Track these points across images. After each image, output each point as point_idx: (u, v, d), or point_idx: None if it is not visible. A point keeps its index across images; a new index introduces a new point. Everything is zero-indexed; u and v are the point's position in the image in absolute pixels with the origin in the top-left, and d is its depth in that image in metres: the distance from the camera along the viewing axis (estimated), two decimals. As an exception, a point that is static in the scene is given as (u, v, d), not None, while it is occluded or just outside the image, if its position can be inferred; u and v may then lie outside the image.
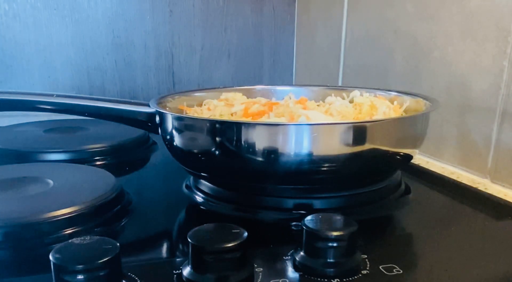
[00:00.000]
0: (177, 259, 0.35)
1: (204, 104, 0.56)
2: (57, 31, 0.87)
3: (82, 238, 0.31)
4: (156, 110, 0.49)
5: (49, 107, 0.52)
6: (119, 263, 0.30)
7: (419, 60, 0.66)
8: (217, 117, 0.51)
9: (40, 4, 0.85)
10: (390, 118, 0.48)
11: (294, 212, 0.44)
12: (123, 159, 0.64)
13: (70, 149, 0.62)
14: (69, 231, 0.39)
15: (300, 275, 0.33)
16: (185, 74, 0.96)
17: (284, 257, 0.35)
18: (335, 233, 0.32)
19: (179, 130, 0.46)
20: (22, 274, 0.36)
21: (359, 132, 0.41)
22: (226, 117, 0.51)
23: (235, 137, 0.41)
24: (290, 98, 0.57)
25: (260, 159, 0.41)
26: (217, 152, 0.42)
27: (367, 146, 0.41)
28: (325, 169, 0.41)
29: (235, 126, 0.41)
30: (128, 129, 0.57)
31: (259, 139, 0.40)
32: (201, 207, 0.48)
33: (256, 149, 0.40)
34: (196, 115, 0.53)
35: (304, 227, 0.33)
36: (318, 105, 0.55)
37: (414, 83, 0.67)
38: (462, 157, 0.60)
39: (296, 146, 0.40)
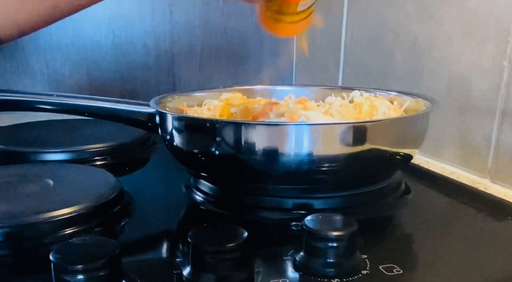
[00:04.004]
0: (177, 259, 0.35)
1: (204, 104, 0.56)
2: (57, 31, 0.87)
3: (82, 238, 0.31)
4: (156, 110, 0.49)
5: (49, 107, 0.52)
6: (119, 263, 0.30)
7: (419, 60, 0.66)
8: (217, 117, 0.51)
9: (40, 4, 0.85)
10: (390, 118, 0.48)
11: (294, 212, 0.44)
12: (123, 159, 0.64)
13: (70, 149, 0.62)
14: (69, 231, 0.39)
15: (300, 275, 0.33)
16: (185, 74, 0.96)
17: (284, 257, 0.35)
18: (335, 233, 0.32)
19: (179, 130, 0.46)
20: (22, 274, 0.36)
21: (359, 132, 0.41)
22: (226, 117, 0.51)
23: (235, 138, 0.41)
24: (290, 98, 0.57)
25: (260, 159, 0.41)
26: (217, 152, 0.42)
27: (367, 146, 0.41)
28: (325, 169, 0.41)
29: (235, 126, 0.41)
30: (128, 129, 0.57)
31: (259, 139, 0.40)
32: (201, 207, 0.48)
33: (256, 149, 0.40)
34: (196, 115, 0.53)
35: (304, 227, 0.33)
36: (318, 105, 0.55)
37: (414, 83, 0.67)
38: (462, 157, 0.60)
39: (296, 146, 0.40)
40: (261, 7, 0.44)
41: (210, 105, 0.55)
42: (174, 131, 0.46)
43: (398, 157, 0.45)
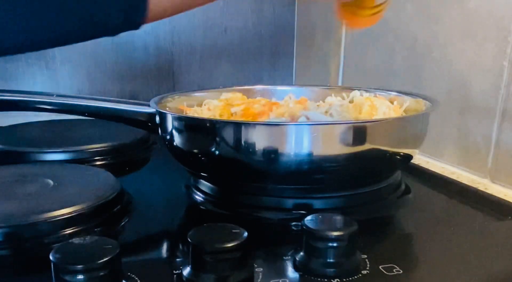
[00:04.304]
0: (177, 259, 0.35)
1: (204, 104, 0.56)
2: (57, 31, 0.87)
3: (82, 238, 0.31)
4: (156, 110, 0.49)
5: (49, 107, 0.52)
6: (119, 263, 0.30)
7: (419, 60, 0.66)
8: (217, 117, 0.51)
9: (40, 4, 0.85)
10: (390, 118, 0.48)
11: (294, 212, 0.44)
12: (123, 159, 0.64)
13: (70, 149, 0.62)
14: (69, 231, 0.39)
15: (300, 275, 0.33)
16: (185, 74, 0.96)
17: (284, 257, 0.35)
18: (335, 233, 0.32)
19: (179, 130, 0.46)
20: (22, 274, 0.36)
21: (359, 132, 0.41)
22: (226, 117, 0.51)
23: (235, 138, 0.41)
24: (290, 98, 0.57)
25: (260, 159, 0.41)
26: (217, 152, 0.42)
27: (367, 146, 0.41)
28: (325, 169, 0.41)
29: (235, 126, 0.41)
30: (128, 129, 0.57)
31: (259, 140, 0.40)
32: (201, 207, 0.48)
33: (256, 149, 0.40)
34: (196, 115, 0.53)
35: (304, 227, 0.33)
36: (318, 105, 0.55)
37: (414, 83, 0.67)
38: (462, 157, 0.60)
39: (296, 146, 0.40)
40: (338, 1, 0.48)
41: (210, 105, 0.55)
42: (174, 131, 0.46)
43: (398, 157, 0.45)
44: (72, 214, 0.40)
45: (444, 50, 0.61)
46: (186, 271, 0.31)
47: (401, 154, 0.45)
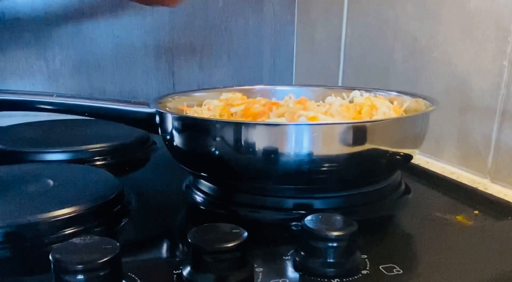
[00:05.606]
0: (177, 259, 0.35)
1: (204, 104, 0.56)
2: (57, 31, 0.87)
3: (82, 238, 0.31)
4: (156, 110, 0.49)
5: (49, 107, 0.52)
6: (119, 263, 0.30)
7: (419, 60, 0.66)
8: (217, 117, 0.51)
9: (40, 4, 0.85)
10: (390, 118, 0.48)
11: (294, 212, 0.44)
12: (123, 159, 0.64)
13: (70, 149, 0.62)
14: (69, 231, 0.39)
15: (300, 275, 0.33)
16: (185, 74, 0.96)
17: (284, 257, 0.35)
18: (335, 233, 0.32)
19: (179, 130, 0.46)
20: (22, 274, 0.36)
21: (359, 132, 0.41)
22: (226, 117, 0.51)
23: (235, 138, 0.41)
24: (290, 98, 0.57)
25: (260, 159, 0.41)
26: (217, 152, 0.42)
27: (367, 146, 0.41)
28: (325, 169, 0.41)
29: (235, 126, 0.41)
30: (128, 129, 0.57)
31: (259, 139, 0.40)
32: (201, 207, 0.48)
33: (256, 149, 0.40)
34: (196, 115, 0.53)
35: (304, 227, 0.33)
36: (318, 105, 0.55)
37: (414, 83, 0.67)
38: (462, 157, 0.60)
39: (296, 146, 0.40)
40: None
41: (210, 105, 0.55)
42: (174, 131, 0.46)
43: (398, 157, 0.45)
44: (72, 214, 0.40)
45: (444, 50, 0.61)
46: (186, 271, 0.31)
47: (401, 154, 0.45)
